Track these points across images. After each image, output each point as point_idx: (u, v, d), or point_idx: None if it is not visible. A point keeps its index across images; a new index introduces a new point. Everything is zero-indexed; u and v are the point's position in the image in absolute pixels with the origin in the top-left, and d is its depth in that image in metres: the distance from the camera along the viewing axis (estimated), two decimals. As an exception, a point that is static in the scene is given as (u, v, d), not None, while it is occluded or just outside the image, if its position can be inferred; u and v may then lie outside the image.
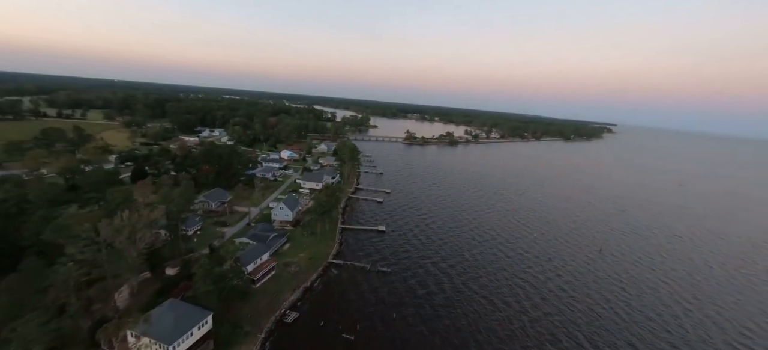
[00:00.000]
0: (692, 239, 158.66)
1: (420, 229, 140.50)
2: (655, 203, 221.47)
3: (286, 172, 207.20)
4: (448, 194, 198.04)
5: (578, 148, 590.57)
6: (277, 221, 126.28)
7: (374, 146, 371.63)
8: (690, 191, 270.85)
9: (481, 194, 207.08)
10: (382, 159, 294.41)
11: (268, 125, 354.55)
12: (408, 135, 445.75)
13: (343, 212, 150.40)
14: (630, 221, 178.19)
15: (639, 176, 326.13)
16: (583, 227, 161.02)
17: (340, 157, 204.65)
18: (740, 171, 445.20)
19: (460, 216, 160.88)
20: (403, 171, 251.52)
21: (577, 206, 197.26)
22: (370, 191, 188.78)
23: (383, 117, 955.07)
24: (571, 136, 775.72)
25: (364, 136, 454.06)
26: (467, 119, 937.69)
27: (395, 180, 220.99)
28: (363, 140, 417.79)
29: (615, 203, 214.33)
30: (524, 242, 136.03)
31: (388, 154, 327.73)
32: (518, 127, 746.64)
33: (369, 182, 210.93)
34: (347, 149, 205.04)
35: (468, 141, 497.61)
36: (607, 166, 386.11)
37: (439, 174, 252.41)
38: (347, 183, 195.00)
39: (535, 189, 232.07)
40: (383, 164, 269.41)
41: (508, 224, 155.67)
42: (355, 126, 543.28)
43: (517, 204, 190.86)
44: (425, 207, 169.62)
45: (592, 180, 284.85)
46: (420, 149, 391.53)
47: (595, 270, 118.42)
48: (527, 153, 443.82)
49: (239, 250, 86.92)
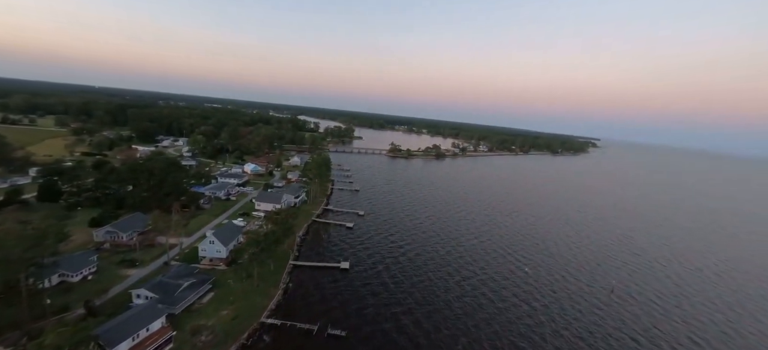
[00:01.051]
0: (717, 275, 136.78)
1: (392, 263, 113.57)
2: (662, 223, 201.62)
3: (244, 189, 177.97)
4: (430, 216, 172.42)
5: (566, 162, 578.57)
6: (206, 259, 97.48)
7: (356, 159, 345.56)
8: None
9: (466, 215, 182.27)
10: (362, 174, 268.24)
11: (240, 135, 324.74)
12: (392, 148, 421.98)
13: (300, 243, 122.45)
14: (639, 248, 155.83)
15: (637, 192, 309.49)
16: (586, 259, 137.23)
17: (307, 173, 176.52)
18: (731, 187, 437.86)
19: (440, 246, 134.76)
20: (383, 188, 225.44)
21: (574, 231, 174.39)
22: (340, 214, 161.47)
23: (370, 128, 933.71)
24: (559, 150, 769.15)
25: (346, 148, 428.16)
26: (455, 132, 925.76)
27: (372, 199, 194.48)
28: (344, 153, 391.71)
29: (617, 225, 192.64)
30: (515, 283, 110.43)
31: (369, 168, 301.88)
32: (506, 140, 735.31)
33: (342, 201, 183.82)
34: (316, 163, 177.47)
35: (455, 154, 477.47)
36: (602, 181, 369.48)
37: (421, 192, 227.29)
38: (314, 203, 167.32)
39: (527, 209, 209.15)
40: (361, 180, 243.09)
41: (495, 257, 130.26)
42: (338, 137, 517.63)
43: (507, 229, 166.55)
44: (401, 234, 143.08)
45: (586, 197, 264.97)
46: (404, 162, 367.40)
47: (607, 320, 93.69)
48: (516, 168, 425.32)
49: (102, 323, 58.17)
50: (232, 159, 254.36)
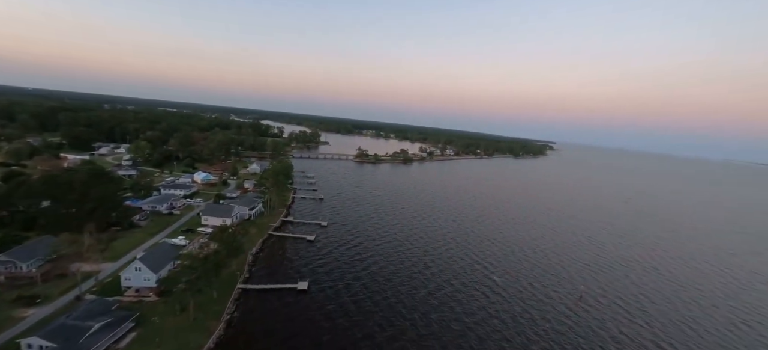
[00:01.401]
0: (669, 271, 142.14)
1: (354, 280, 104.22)
2: (614, 222, 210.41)
3: (192, 201, 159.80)
4: (397, 224, 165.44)
5: (528, 165, 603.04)
6: (132, 289, 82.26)
7: (322, 165, 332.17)
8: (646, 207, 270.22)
9: (434, 222, 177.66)
10: (327, 181, 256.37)
11: (192, 140, 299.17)
12: (359, 153, 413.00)
13: (253, 262, 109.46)
14: (608, 251, 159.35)
15: (594, 193, 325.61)
16: (554, 263, 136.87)
17: (263, 182, 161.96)
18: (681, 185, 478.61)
19: (407, 257, 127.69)
20: (349, 195, 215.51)
21: (541, 234, 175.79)
22: (301, 225, 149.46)
23: (337, 133, 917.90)
24: (520, 153, 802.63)
25: (312, 154, 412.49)
26: (422, 136, 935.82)
27: (337, 207, 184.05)
28: (310, 159, 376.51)
29: (583, 228, 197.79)
30: (484, 293, 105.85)
31: (335, 174, 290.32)
32: (471, 144, 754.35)
33: (303, 211, 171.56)
34: (273, 171, 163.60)
35: (423, 159, 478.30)
36: (561, 183, 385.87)
37: (389, 198, 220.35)
38: (272, 215, 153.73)
39: (493, 213, 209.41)
40: (326, 187, 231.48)
41: (463, 266, 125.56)
42: (303, 143, 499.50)
43: (475, 234, 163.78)
44: (366, 245, 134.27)
45: (551, 200, 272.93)
46: (372, 167, 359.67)
47: (577, 329, 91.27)
48: (482, 171, 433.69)
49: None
50: (181, 167, 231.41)
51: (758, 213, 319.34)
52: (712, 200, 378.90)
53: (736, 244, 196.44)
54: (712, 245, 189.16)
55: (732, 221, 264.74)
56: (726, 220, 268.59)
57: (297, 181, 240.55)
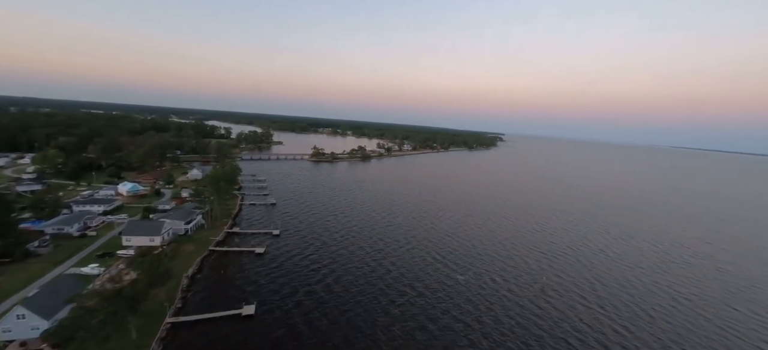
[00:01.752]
0: (619, 255, 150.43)
1: (308, 297, 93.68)
2: (563, 206, 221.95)
3: (113, 219, 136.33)
4: (355, 226, 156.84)
5: (481, 156, 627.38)
6: (15, 342, 64.35)
7: (274, 167, 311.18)
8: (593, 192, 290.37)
9: (394, 219, 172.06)
10: (280, 183, 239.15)
11: (119, 146, 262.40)
12: (315, 151, 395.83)
13: (187, 287, 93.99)
14: (560, 237, 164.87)
15: (541, 182, 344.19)
16: (513, 255, 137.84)
17: (201, 190, 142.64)
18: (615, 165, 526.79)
19: (366, 263, 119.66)
20: (304, 198, 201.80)
21: (498, 225, 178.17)
22: (249, 237, 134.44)
23: (291, 132, 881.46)
24: (474, 145, 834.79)
25: (263, 155, 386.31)
26: (380, 132, 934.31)
27: (290, 212, 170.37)
28: (261, 160, 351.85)
29: (535, 216, 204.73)
30: (448, 295, 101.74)
31: (289, 176, 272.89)
32: (428, 138, 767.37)
33: (253, 219, 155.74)
34: (213, 177, 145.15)
35: (381, 155, 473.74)
36: (512, 172, 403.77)
37: (347, 198, 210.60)
38: (214, 227, 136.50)
39: (453, 207, 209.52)
40: (279, 190, 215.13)
41: (425, 266, 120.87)
42: (254, 143, 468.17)
43: (435, 231, 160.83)
44: (322, 253, 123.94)
45: (504, 189, 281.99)
46: (329, 167, 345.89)
47: (541, 323, 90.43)
48: (439, 164, 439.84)
49: None
50: (103, 178, 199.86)
51: (681, 192, 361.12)
52: (641, 182, 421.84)
53: (666, 221, 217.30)
54: (647, 224, 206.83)
55: (661, 200, 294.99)
56: (654, 199, 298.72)
57: (246, 186, 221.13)
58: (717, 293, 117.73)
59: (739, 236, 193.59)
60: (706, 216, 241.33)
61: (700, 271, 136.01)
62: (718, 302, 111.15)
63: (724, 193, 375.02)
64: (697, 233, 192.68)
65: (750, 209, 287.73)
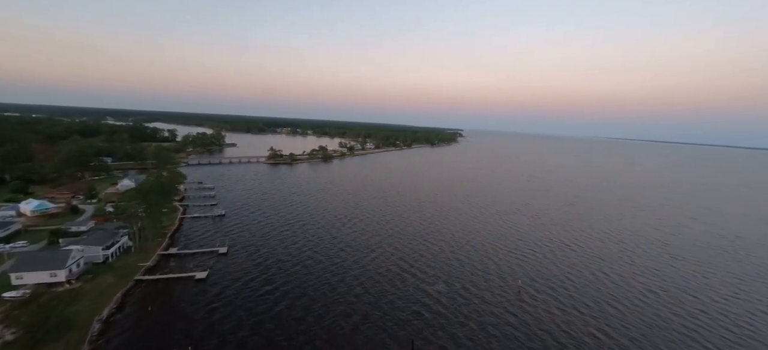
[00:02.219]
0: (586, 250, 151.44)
1: (255, 328, 79.09)
2: (529, 201, 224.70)
3: (8, 248, 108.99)
4: (315, 236, 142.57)
5: (443, 152, 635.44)
6: None
7: (226, 172, 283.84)
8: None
9: (357, 225, 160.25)
10: (232, 190, 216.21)
11: (30, 154, 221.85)
12: (272, 153, 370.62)
13: (98, 333, 74.65)
14: (527, 234, 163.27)
15: (503, 175, 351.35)
16: (483, 257, 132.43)
17: (125, 207, 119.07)
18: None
19: (326, 280, 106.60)
20: (258, 206, 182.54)
21: (467, 225, 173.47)
22: (189, 258, 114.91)
23: (247, 133, 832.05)
24: (436, 142, 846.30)
25: (214, 159, 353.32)
26: (341, 131, 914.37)
27: (241, 224, 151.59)
28: (211, 165, 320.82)
29: (501, 212, 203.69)
30: (417, 312, 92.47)
31: (242, 181, 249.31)
32: (390, 136, 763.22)
33: (195, 236, 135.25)
34: (141, 190, 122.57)
35: (343, 155, 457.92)
36: (474, 167, 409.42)
37: (306, 203, 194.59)
38: (145, 249, 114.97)
39: (418, 207, 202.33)
40: (230, 199, 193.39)
41: (392, 277, 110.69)
42: (203, 147, 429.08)
43: (402, 235, 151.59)
44: (276, 271, 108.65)
45: (468, 185, 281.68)
46: (288, 169, 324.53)
47: (520, 330, 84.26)
48: (403, 162, 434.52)
49: None
50: (6, 194, 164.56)
51: (620, 178, 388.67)
52: (593, 172, 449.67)
53: (618, 209, 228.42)
54: (602, 212, 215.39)
55: (610, 188, 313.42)
56: (604, 187, 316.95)
57: (191, 195, 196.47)
58: (676, 282, 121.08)
59: (685, 224, 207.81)
60: (650, 202, 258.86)
61: (658, 261, 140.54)
62: (679, 291, 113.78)
63: (667, 180, 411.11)
64: (647, 221, 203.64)
65: (685, 193, 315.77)
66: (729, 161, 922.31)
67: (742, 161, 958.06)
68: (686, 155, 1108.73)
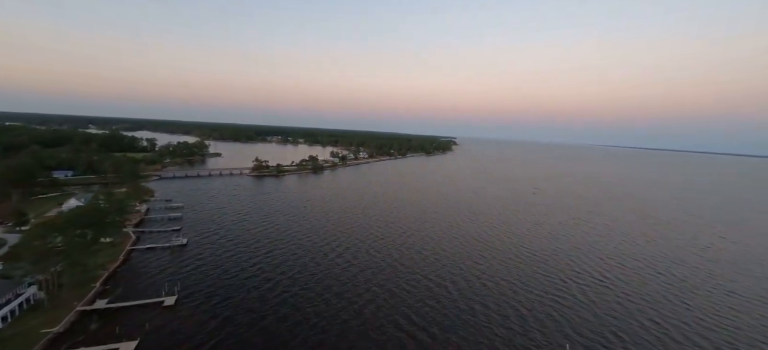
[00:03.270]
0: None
1: None
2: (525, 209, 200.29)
3: None
4: (292, 275, 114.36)
5: (440, 161, 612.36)
6: None
7: (203, 187, 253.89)
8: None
9: (345, 257, 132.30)
10: (203, 209, 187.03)
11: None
12: (257, 165, 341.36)
13: None
14: (551, 260, 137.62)
15: (506, 186, 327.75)
16: (512, 303, 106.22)
17: (27, 248, 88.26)
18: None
19: (302, 341, 79.61)
20: (229, 232, 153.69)
21: (487, 255, 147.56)
22: (120, 316, 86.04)
23: (235, 142, 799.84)
24: (432, 150, 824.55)
25: (192, 171, 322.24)
26: (334, 139, 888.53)
27: (205, 257, 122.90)
28: (188, 178, 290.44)
29: (515, 235, 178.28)
30: None
31: (218, 197, 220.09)
32: (384, 144, 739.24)
33: (141, 275, 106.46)
34: (53, 225, 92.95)
35: (334, 165, 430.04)
36: (475, 179, 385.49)
37: (288, 227, 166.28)
38: (62, 304, 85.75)
39: (424, 230, 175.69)
40: (198, 221, 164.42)
41: (392, 337, 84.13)
42: (183, 157, 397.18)
43: (404, 275, 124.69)
44: (234, 331, 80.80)
45: (472, 199, 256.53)
46: (273, 183, 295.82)
47: None
48: (400, 173, 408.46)
49: None
50: None
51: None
52: (607, 185, 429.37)
53: (635, 226, 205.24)
54: (624, 232, 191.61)
55: (620, 200, 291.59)
56: (615, 200, 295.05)
57: (152, 217, 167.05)
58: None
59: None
60: (666, 215, 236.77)
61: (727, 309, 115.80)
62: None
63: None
64: (678, 241, 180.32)
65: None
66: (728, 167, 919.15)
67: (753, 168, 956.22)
68: (682, 163, 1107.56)
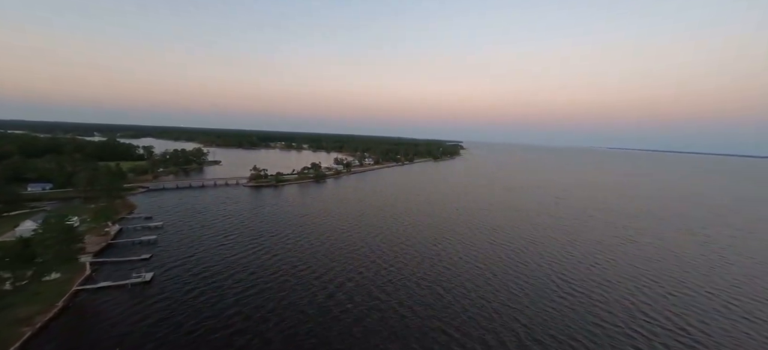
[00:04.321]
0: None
1: None
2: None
3: None
4: (281, 318, 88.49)
5: (450, 167, 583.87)
6: None
7: (192, 200, 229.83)
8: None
9: (340, 294, 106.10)
10: (187, 227, 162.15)
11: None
12: (255, 174, 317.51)
13: None
14: (600, 295, 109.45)
15: (526, 195, 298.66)
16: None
17: None
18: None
19: None
20: (207, 260, 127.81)
21: (517, 288, 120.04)
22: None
23: (238, 148, 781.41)
24: (439, 155, 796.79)
25: (182, 182, 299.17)
26: (338, 145, 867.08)
27: (169, 301, 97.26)
28: (179, 190, 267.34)
29: (554, 260, 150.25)
30: None
31: (206, 212, 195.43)
32: (390, 149, 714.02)
33: (85, 328, 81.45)
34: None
35: (339, 173, 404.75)
36: (492, 187, 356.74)
37: (279, 251, 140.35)
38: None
39: (437, 252, 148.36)
40: (176, 246, 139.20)
41: None
42: (179, 165, 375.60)
43: (419, 317, 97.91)
44: None
45: (495, 215, 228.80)
46: (272, 194, 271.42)
47: None
48: (408, 181, 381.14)
49: None
50: None
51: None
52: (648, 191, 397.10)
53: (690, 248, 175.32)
54: (685, 261, 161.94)
55: (663, 214, 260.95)
56: (655, 212, 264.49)
57: (122, 241, 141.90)
58: None
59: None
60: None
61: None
62: None
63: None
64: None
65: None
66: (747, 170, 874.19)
67: None
68: (701, 166, 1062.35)
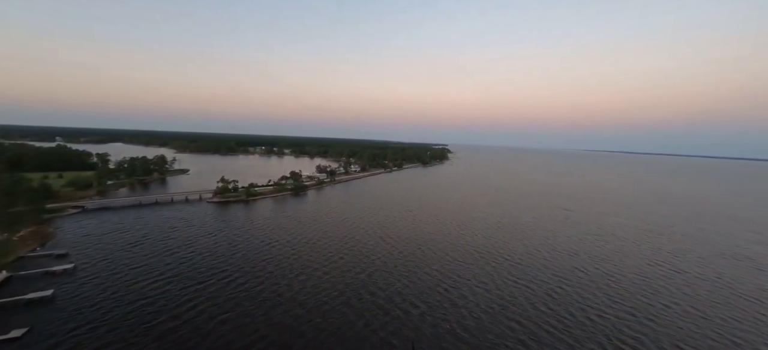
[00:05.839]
0: None
1: None
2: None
3: None
4: None
5: (440, 172, 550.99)
6: None
7: (137, 223, 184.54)
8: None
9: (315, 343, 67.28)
10: (111, 266, 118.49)
11: None
12: (221, 187, 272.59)
13: None
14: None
15: (527, 205, 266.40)
16: None
17: None
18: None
19: None
20: (124, 323, 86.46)
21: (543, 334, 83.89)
22: None
23: (214, 154, 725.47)
24: (428, 160, 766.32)
25: (134, 197, 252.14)
26: (323, 149, 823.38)
27: None
28: (124, 209, 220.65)
29: (566, 281, 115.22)
30: None
31: (147, 241, 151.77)
32: (377, 154, 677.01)
33: None
34: None
35: (321, 182, 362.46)
36: (488, 195, 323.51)
37: (229, 308, 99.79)
38: None
39: (439, 282, 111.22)
40: (80, 299, 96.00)
41: None
42: (136, 176, 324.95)
43: None
44: None
45: (502, 231, 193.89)
46: (240, 211, 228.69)
47: None
48: (398, 190, 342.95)
49: None
50: None
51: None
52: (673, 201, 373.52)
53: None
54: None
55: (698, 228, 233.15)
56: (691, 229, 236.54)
57: (1, 301, 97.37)
58: None
59: None
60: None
61: None
62: None
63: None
64: None
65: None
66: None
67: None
68: (689, 167, 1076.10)
